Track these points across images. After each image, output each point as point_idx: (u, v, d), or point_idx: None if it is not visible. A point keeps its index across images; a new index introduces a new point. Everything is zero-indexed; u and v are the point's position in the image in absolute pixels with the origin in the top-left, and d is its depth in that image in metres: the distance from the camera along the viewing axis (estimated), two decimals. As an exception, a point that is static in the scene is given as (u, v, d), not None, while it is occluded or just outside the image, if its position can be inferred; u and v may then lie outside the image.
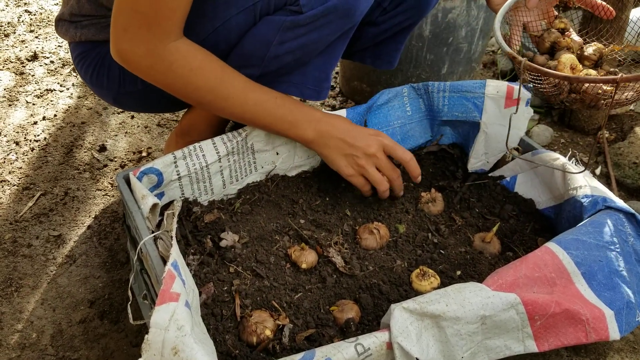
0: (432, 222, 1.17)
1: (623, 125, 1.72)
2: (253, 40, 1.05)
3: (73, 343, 1.11)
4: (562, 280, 0.95)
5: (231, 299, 0.97)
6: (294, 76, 1.12)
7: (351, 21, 1.04)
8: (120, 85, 1.20)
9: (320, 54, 1.09)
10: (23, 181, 1.49)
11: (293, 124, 1.10)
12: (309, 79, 1.13)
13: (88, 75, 1.23)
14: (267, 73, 1.09)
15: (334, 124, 1.12)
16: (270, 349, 0.89)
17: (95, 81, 1.22)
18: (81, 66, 1.23)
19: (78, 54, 1.23)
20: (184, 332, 0.74)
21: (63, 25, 1.21)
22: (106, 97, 1.26)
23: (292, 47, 1.04)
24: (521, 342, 0.90)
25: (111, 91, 1.22)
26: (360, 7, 1.02)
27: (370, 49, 1.35)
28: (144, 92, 1.20)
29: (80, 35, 1.20)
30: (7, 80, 1.88)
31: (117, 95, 1.23)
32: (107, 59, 1.18)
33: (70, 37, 1.21)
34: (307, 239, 1.09)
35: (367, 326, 0.94)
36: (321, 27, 1.02)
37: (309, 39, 1.04)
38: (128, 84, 1.19)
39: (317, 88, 1.14)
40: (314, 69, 1.12)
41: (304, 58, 1.08)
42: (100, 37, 1.17)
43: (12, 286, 1.22)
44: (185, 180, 1.11)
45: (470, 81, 1.26)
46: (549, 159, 1.18)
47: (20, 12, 2.28)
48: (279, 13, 1.02)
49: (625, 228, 1.03)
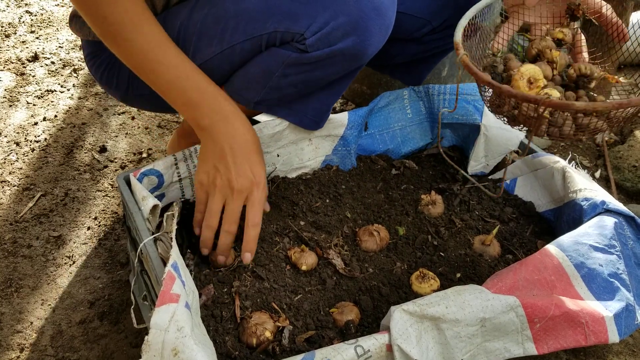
0: (432, 225, 1.17)
1: (623, 128, 1.73)
2: (257, 69, 1.04)
3: (73, 344, 1.11)
4: (561, 283, 0.95)
5: (231, 300, 0.97)
6: (295, 104, 1.11)
7: (358, 63, 1.02)
8: (129, 87, 1.20)
9: (324, 88, 1.09)
10: (23, 182, 1.49)
11: (194, 103, 0.98)
12: (309, 109, 1.12)
13: (99, 74, 1.24)
14: (267, 99, 1.09)
15: (234, 134, 0.98)
16: (270, 351, 0.89)
17: (105, 80, 1.23)
18: (92, 64, 1.24)
19: (90, 52, 1.24)
20: (184, 333, 0.74)
21: (77, 22, 1.22)
22: (115, 95, 1.27)
23: (295, 81, 1.03)
24: (521, 344, 0.90)
25: (120, 91, 1.23)
26: (368, 51, 0.99)
27: (404, 65, 1.34)
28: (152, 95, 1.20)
29: (93, 35, 1.20)
30: (7, 80, 1.88)
31: (126, 96, 1.24)
32: (118, 61, 1.17)
33: (83, 35, 1.22)
34: (307, 241, 1.09)
35: (367, 328, 0.95)
36: (326, 66, 1.01)
37: (313, 75, 1.03)
38: (136, 87, 1.19)
39: (317, 119, 1.14)
40: (316, 101, 1.11)
41: (306, 90, 1.07)
42: None
43: (12, 287, 1.22)
44: (185, 182, 1.11)
45: (471, 84, 1.26)
46: (549, 162, 1.18)
47: (21, 12, 2.29)
48: (285, 47, 1.01)
49: (624, 231, 1.03)
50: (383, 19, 0.98)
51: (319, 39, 0.96)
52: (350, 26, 0.96)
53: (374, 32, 0.98)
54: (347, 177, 1.25)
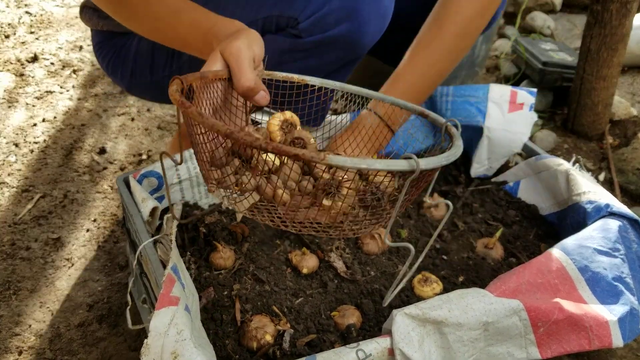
0: (434, 228, 1.16)
1: (627, 131, 1.72)
2: None
3: (71, 347, 1.10)
4: (565, 287, 0.94)
5: (231, 303, 0.96)
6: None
7: (354, 53, 1.00)
8: (133, 76, 1.25)
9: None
10: (22, 183, 1.48)
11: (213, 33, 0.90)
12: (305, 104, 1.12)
13: (105, 63, 1.29)
14: None
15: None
16: (271, 355, 0.88)
17: (111, 70, 1.28)
18: (99, 53, 1.29)
19: (98, 42, 1.28)
20: (184, 336, 0.73)
21: (87, 12, 1.25)
22: (120, 84, 1.31)
23: (290, 70, 1.02)
24: (524, 348, 0.89)
25: (125, 80, 1.27)
26: (363, 41, 0.98)
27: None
28: (153, 84, 1.25)
29: (102, 25, 1.24)
30: (6, 81, 1.88)
31: (130, 85, 1.28)
32: (123, 51, 1.23)
33: (93, 25, 1.26)
34: (308, 244, 1.08)
35: (369, 332, 0.94)
36: (320, 54, 1.00)
37: (307, 64, 1.01)
38: (140, 76, 1.24)
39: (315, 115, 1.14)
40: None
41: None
42: (121, 28, 1.22)
43: (10, 289, 1.21)
44: (185, 183, 1.11)
45: (474, 85, 1.26)
46: (552, 164, 1.17)
47: (20, 13, 2.28)
48: (280, 33, 1.00)
49: (629, 234, 1.03)
50: (378, 5, 0.96)
51: (313, 23, 0.95)
52: (344, 11, 0.94)
53: (370, 19, 0.96)
54: (348, 179, 1.24)
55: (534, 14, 2.31)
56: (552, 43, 1.95)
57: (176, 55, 1.20)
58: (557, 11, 2.45)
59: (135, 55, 1.23)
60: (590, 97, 1.65)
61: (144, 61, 1.23)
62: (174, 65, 1.21)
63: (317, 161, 0.57)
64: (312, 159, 0.56)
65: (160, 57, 1.21)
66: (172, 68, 1.22)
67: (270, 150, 0.58)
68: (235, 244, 1.07)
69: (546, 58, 1.80)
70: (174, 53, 1.20)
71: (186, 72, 1.20)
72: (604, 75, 1.61)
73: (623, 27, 1.54)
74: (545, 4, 2.40)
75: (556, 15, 2.43)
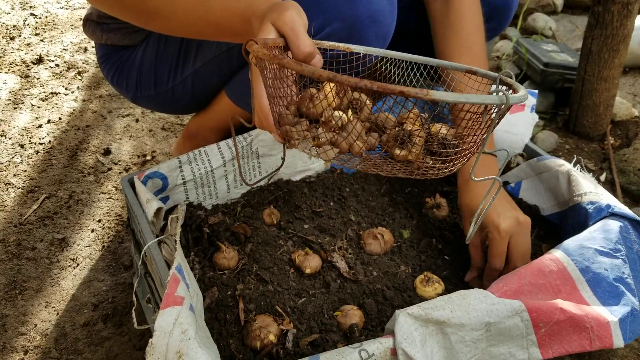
0: (436, 228, 1.16)
1: (628, 131, 1.72)
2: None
3: (77, 346, 1.11)
4: (566, 287, 0.95)
5: (235, 303, 0.97)
6: None
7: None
8: (137, 89, 1.27)
9: None
10: (28, 184, 1.49)
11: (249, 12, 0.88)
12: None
13: (110, 76, 1.31)
14: None
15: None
16: (274, 354, 0.89)
17: (116, 82, 1.31)
18: (104, 66, 1.31)
19: (102, 55, 1.30)
20: (188, 335, 0.74)
21: (90, 25, 1.26)
22: (126, 96, 1.34)
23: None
24: (525, 349, 0.89)
25: (130, 93, 1.30)
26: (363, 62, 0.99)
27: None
28: (158, 95, 1.27)
29: (106, 39, 1.26)
30: (12, 83, 1.89)
31: (135, 97, 1.31)
32: (127, 65, 1.26)
33: (96, 39, 1.27)
34: (311, 244, 1.09)
35: (371, 332, 0.94)
36: None
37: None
38: (144, 89, 1.27)
39: None
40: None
41: None
42: (125, 42, 1.24)
43: (16, 289, 1.22)
44: (190, 184, 1.12)
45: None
46: (554, 165, 1.18)
47: (25, 15, 2.29)
48: None
49: (630, 235, 1.03)
50: (379, 26, 0.97)
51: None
52: (345, 32, 0.95)
53: (370, 40, 0.97)
54: (351, 180, 1.25)
55: (535, 15, 2.31)
56: (553, 44, 1.96)
57: (180, 68, 1.21)
58: (559, 12, 2.45)
59: (139, 69, 1.25)
60: (592, 98, 1.65)
61: (147, 74, 1.25)
62: (177, 78, 1.22)
63: (421, 96, 0.63)
64: (417, 94, 0.62)
65: (163, 70, 1.23)
66: (176, 81, 1.23)
67: (376, 89, 0.62)
68: (239, 244, 1.08)
69: (548, 59, 1.81)
70: (177, 66, 1.21)
71: (190, 84, 1.22)
72: (605, 76, 1.61)
73: (624, 28, 1.54)
74: (547, 5, 2.40)
75: (557, 16, 2.43)
